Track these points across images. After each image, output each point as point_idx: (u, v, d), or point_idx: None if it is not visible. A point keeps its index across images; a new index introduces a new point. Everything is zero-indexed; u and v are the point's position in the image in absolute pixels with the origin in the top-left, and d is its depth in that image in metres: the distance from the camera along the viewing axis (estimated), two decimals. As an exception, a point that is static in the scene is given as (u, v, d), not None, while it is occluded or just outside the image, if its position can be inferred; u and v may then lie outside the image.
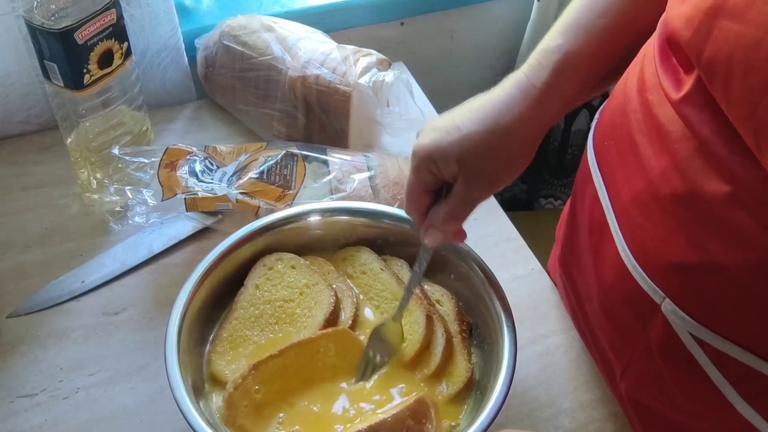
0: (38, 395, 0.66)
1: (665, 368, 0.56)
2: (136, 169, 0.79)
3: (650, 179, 0.51)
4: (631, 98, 0.54)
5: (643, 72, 0.54)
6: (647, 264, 0.53)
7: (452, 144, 0.54)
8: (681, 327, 0.52)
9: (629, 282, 0.55)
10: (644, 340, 0.57)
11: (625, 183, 0.55)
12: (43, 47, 0.73)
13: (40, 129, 0.93)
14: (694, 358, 0.52)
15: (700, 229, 0.48)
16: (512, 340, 0.59)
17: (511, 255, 0.81)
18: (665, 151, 0.50)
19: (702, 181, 0.47)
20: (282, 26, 0.92)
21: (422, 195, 0.58)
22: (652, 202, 0.52)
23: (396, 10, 1.16)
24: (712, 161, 0.46)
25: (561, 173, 1.66)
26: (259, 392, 0.58)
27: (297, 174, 0.78)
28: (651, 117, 0.51)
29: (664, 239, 0.51)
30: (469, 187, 0.55)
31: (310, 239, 0.71)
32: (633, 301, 0.56)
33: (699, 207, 0.47)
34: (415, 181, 0.57)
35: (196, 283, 0.62)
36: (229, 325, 0.64)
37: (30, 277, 0.76)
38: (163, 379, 0.56)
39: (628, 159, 0.54)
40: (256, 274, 0.67)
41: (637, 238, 0.54)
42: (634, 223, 0.54)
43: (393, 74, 0.86)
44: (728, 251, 0.46)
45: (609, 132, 0.57)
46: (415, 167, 0.56)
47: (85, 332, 0.72)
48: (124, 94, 0.83)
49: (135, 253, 0.78)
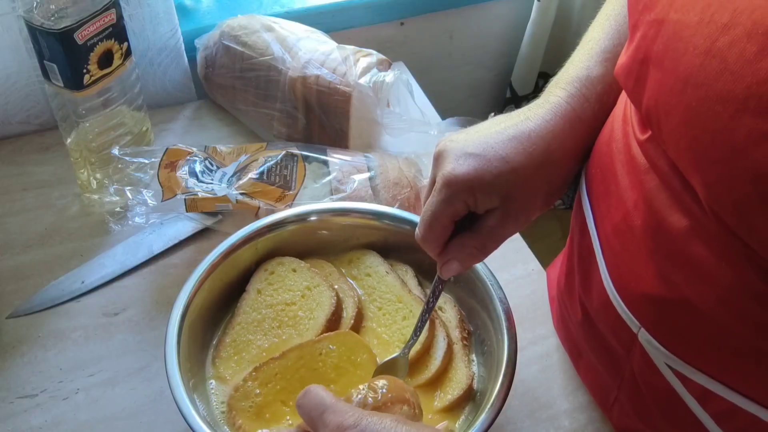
0: (38, 396, 0.66)
1: (649, 398, 0.55)
2: (136, 169, 0.79)
3: (626, 209, 0.50)
4: (615, 129, 0.53)
5: (626, 106, 0.53)
6: (624, 293, 0.52)
7: (498, 177, 0.50)
8: (658, 357, 0.51)
9: (611, 309, 0.54)
10: (629, 366, 0.56)
11: (607, 211, 0.54)
12: (43, 47, 0.73)
13: (40, 129, 0.93)
14: (675, 390, 0.51)
15: (666, 262, 0.47)
16: (512, 340, 0.59)
17: (511, 255, 0.81)
18: (637, 182, 0.49)
19: (665, 213, 0.46)
20: (282, 26, 0.92)
21: (447, 226, 0.53)
22: (627, 232, 0.50)
23: (396, 10, 1.16)
24: (673, 195, 0.45)
25: (561, 173, 1.66)
26: (260, 395, 0.58)
27: (297, 174, 0.78)
28: (627, 147, 0.50)
29: (638, 270, 0.50)
30: (507, 223, 0.52)
31: (311, 241, 0.71)
32: (615, 328, 0.55)
33: (664, 239, 0.47)
34: (443, 211, 0.52)
35: (196, 284, 0.62)
36: (232, 330, 0.64)
37: (30, 278, 0.76)
38: (163, 379, 0.56)
39: (610, 188, 0.53)
40: (258, 279, 0.67)
41: (617, 267, 0.53)
42: (614, 251, 0.53)
43: (393, 74, 0.86)
44: (692, 285, 0.45)
45: (597, 160, 0.56)
46: (447, 196, 0.51)
47: (85, 333, 0.72)
48: (124, 95, 0.83)
49: (135, 253, 0.78)
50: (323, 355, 0.61)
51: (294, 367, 0.60)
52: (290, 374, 0.59)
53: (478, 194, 0.51)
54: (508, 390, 0.56)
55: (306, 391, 0.47)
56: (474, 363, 0.65)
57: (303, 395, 0.47)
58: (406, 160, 0.84)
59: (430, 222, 0.53)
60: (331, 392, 0.47)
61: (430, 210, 0.53)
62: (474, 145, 0.52)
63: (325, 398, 0.46)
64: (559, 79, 0.57)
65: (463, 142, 0.52)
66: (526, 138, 0.52)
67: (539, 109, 0.54)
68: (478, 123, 0.57)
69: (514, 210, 0.52)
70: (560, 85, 0.56)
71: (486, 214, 0.53)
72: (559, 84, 0.56)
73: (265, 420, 0.57)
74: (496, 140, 0.52)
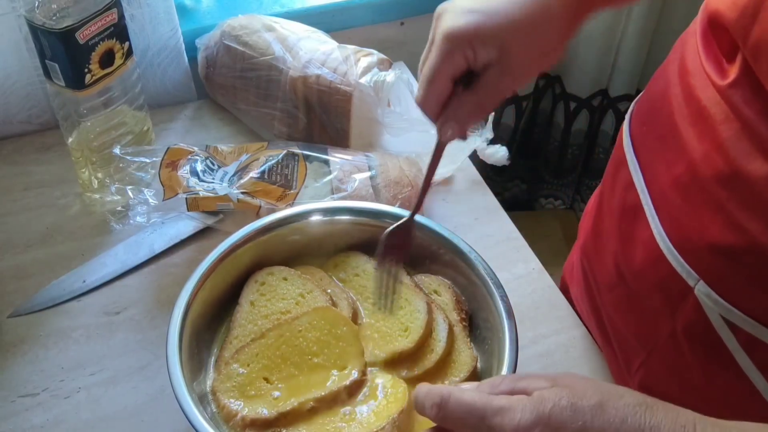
0: (39, 395, 0.66)
1: (691, 354, 0.56)
2: (138, 168, 0.79)
3: (691, 161, 0.52)
4: (672, 83, 0.55)
5: (684, 59, 0.54)
6: (683, 246, 0.53)
7: (496, 29, 0.51)
8: (713, 310, 0.52)
9: (662, 265, 0.55)
10: (670, 325, 0.57)
11: (664, 166, 0.55)
12: (45, 47, 0.73)
13: (41, 129, 0.93)
14: (723, 343, 0.52)
15: (741, 210, 0.48)
16: (513, 339, 0.59)
17: (511, 255, 0.81)
18: (707, 133, 0.50)
19: (744, 161, 0.47)
20: (283, 26, 0.92)
21: (447, 83, 0.53)
22: (692, 184, 0.52)
23: (396, 10, 1.16)
24: (756, 142, 0.46)
25: (561, 173, 1.67)
26: (243, 374, 0.59)
27: (298, 174, 0.78)
28: (693, 100, 0.52)
29: (702, 221, 0.51)
30: (504, 76, 0.53)
31: (312, 241, 0.71)
32: (664, 285, 0.56)
33: (741, 187, 0.48)
34: (443, 67, 0.52)
35: (198, 283, 0.62)
36: (230, 345, 0.63)
37: (31, 277, 0.76)
38: (164, 378, 0.56)
39: (667, 143, 0.55)
40: (249, 291, 0.66)
41: (675, 221, 0.54)
42: (671, 205, 0.54)
43: (394, 74, 0.86)
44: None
45: (647, 118, 0.58)
46: (446, 51, 0.52)
47: (87, 332, 0.72)
48: (125, 94, 0.83)
49: (136, 252, 0.78)
50: (303, 330, 0.61)
51: (275, 345, 0.60)
52: (271, 352, 0.60)
53: (477, 46, 0.51)
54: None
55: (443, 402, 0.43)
56: (474, 350, 0.65)
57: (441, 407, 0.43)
58: (406, 159, 0.84)
59: (429, 79, 0.53)
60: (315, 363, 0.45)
61: (430, 66, 0.53)
62: (473, 1, 0.53)
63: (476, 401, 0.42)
64: None
65: (462, 1, 0.54)
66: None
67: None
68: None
69: (512, 64, 0.53)
70: None
71: (483, 71, 0.53)
72: None
73: (249, 397, 0.58)
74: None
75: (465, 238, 0.67)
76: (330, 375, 0.59)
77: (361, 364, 0.60)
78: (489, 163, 0.91)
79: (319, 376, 0.59)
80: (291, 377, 0.59)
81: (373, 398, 0.59)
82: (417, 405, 0.45)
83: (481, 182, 0.91)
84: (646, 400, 0.41)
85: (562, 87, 1.53)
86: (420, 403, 0.44)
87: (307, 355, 0.60)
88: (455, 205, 0.87)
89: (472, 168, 0.92)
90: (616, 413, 0.40)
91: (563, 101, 1.54)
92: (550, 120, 1.58)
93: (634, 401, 0.40)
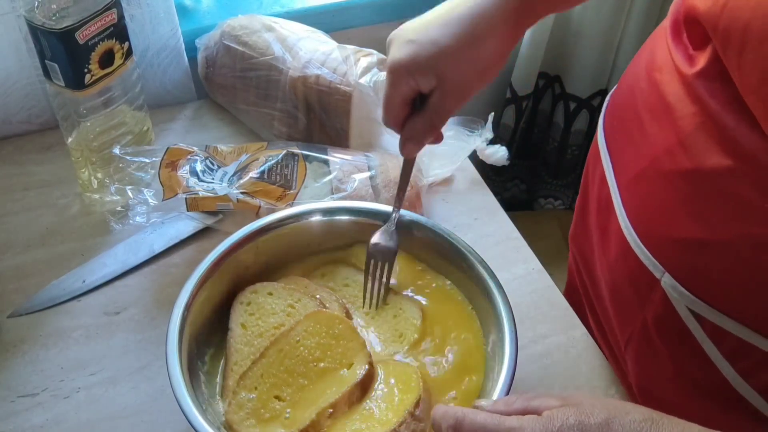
0: (39, 395, 0.66)
1: (661, 344, 0.57)
2: (137, 168, 0.79)
3: (655, 155, 0.53)
4: (640, 78, 0.56)
5: (653, 53, 0.55)
6: (649, 239, 0.54)
7: (430, 59, 0.56)
8: (679, 302, 0.53)
9: (631, 258, 0.56)
10: (641, 316, 0.58)
11: (631, 160, 0.56)
12: (44, 47, 0.73)
13: (40, 129, 0.93)
14: (691, 333, 0.53)
15: (703, 204, 0.49)
16: (513, 340, 0.59)
17: (511, 255, 0.82)
18: (670, 128, 0.51)
19: (705, 155, 0.48)
20: (282, 26, 0.92)
21: (400, 107, 0.59)
22: (656, 178, 0.53)
23: (396, 10, 1.16)
24: (717, 135, 0.47)
25: (560, 173, 1.67)
26: (253, 399, 0.58)
27: (298, 174, 0.78)
28: (658, 95, 0.53)
29: (666, 214, 0.52)
30: (445, 98, 0.57)
31: (312, 241, 0.71)
32: (634, 277, 0.57)
33: (702, 181, 0.48)
34: (392, 94, 0.59)
35: (198, 283, 0.62)
36: (232, 372, 0.61)
37: (31, 277, 0.76)
38: (164, 378, 0.56)
39: (634, 137, 0.56)
40: (237, 314, 0.64)
41: (640, 214, 0.55)
42: (637, 199, 0.55)
43: (393, 74, 0.86)
44: (731, 225, 0.47)
45: (618, 112, 0.59)
46: (392, 81, 0.58)
47: (86, 332, 0.72)
48: (125, 94, 0.83)
49: (136, 252, 0.78)
50: (301, 339, 0.61)
51: (277, 361, 0.60)
52: (275, 369, 0.60)
53: (417, 75, 0.57)
54: (509, 389, 0.56)
55: (457, 424, 0.46)
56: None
57: (456, 429, 0.46)
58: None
59: (385, 106, 0.60)
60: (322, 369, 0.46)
61: (384, 94, 0.59)
62: (413, 32, 0.58)
63: (488, 422, 0.45)
64: None
65: (405, 31, 0.59)
66: (455, 21, 0.56)
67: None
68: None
69: (450, 87, 0.57)
70: None
71: (430, 94, 0.58)
72: None
73: (265, 421, 0.57)
74: (432, 25, 0.57)
75: (464, 238, 0.67)
76: (339, 375, 0.59)
77: (366, 356, 0.60)
78: (489, 163, 0.91)
79: (329, 380, 0.59)
80: (302, 389, 0.59)
81: (388, 392, 0.59)
82: (435, 425, 0.48)
83: (481, 182, 0.91)
84: (653, 415, 0.43)
85: (561, 87, 1.53)
86: (437, 424, 0.48)
87: (311, 363, 0.60)
88: (455, 205, 0.87)
89: (471, 168, 0.92)
90: (621, 429, 0.42)
91: (563, 101, 1.54)
92: (550, 120, 1.58)
93: (640, 417, 0.42)
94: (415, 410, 0.56)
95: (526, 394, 0.49)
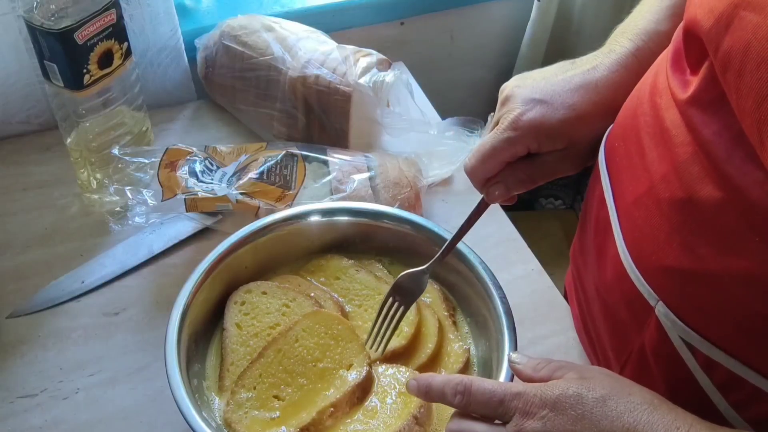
0: (38, 396, 0.66)
1: (657, 370, 0.56)
2: (136, 169, 0.79)
3: (652, 182, 0.52)
4: (643, 101, 0.55)
5: (656, 78, 0.54)
6: (643, 266, 0.53)
7: (563, 123, 0.53)
8: (672, 330, 0.52)
9: (626, 282, 0.55)
10: (639, 340, 0.57)
11: (630, 184, 0.55)
12: (43, 47, 0.73)
13: (40, 129, 0.93)
14: (684, 362, 0.52)
15: (694, 235, 0.48)
16: (512, 340, 0.59)
17: (511, 255, 0.81)
18: (667, 155, 0.50)
19: (697, 186, 0.47)
20: (282, 26, 0.92)
21: (503, 163, 0.56)
22: (652, 205, 0.52)
23: (396, 10, 1.16)
24: (708, 166, 0.46)
25: (561, 173, 1.66)
26: (251, 398, 0.58)
27: (297, 174, 0.78)
28: (658, 120, 0.52)
29: (660, 242, 0.51)
30: (565, 162, 0.55)
31: (311, 241, 0.71)
32: (630, 301, 0.56)
33: (694, 212, 0.47)
34: (505, 150, 0.55)
35: (197, 284, 0.62)
36: (228, 372, 0.61)
37: (30, 278, 0.76)
38: (163, 379, 0.56)
39: (634, 161, 0.55)
40: (232, 314, 0.64)
41: (636, 240, 0.54)
42: (634, 224, 0.54)
43: (393, 74, 0.86)
44: (720, 258, 0.46)
45: (620, 133, 0.58)
46: (512, 138, 0.54)
47: (85, 333, 0.72)
48: (124, 95, 0.83)
49: (135, 253, 0.78)
50: (300, 339, 0.61)
51: (276, 361, 0.60)
52: (274, 368, 0.60)
53: (543, 138, 0.54)
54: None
55: (466, 390, 0.48)
56: (470, 340, 0.66)
57: (465, 395, 0.48)
58: (406, 159, 0.84)
59: (487, 156, 0.56)
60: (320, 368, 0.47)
61: (491, 145, 0.55)
62: (541, 91, 0.54)
63: (496, 387, 0.47)
64: (625, 28, 0.58)
65: (531, 88, 0.55)
66: (593, 87, 0.54)
67: (605, 58, 0.56)
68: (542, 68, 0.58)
69: (575, 154, 0.55)
70: (627, 35, 0.57)
71: (546, 154, 0.55)
72: (626, 34, 0.57)
73: (264, 420, 0.57)
74: (563, 88, 0.54)
75: (464, 239, 0.67)
76: (339, 376, 0.59)
77: (365, 358, 0.60)
78: (488, 163, 0.91)
79: (329, 380, 0.59)
80: (301, 388, 0.59)
81: (388, 395, 0.59)
82: (434, 394, 0.49)
83: (481, 182, 0.90)
84: (654, 400, 0.44)
85: (562, 87, 1.53)
86: (438, 392, 0.49)
87: (310, 363, 0.60)
88: (455, 205, 0.87)
89: (471, 168, 0.92)
90: (616, 407, 0.44)
91: (563, 101, 1.54)
92: (550, 120, 1.58)
93: (641, 399, 0.43)
94: (417, 412, 0.56)
95: (553, 362, 0.50)
